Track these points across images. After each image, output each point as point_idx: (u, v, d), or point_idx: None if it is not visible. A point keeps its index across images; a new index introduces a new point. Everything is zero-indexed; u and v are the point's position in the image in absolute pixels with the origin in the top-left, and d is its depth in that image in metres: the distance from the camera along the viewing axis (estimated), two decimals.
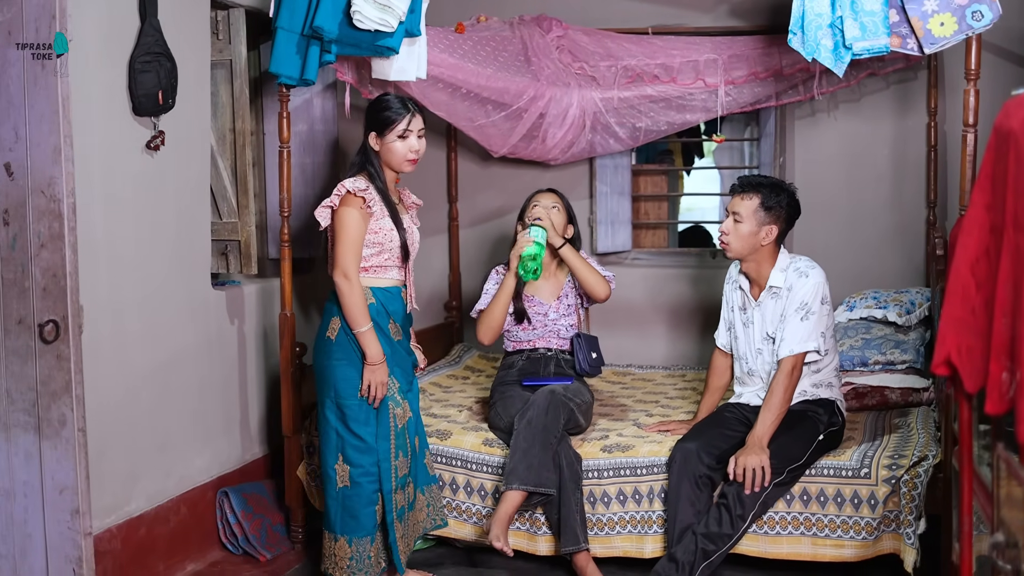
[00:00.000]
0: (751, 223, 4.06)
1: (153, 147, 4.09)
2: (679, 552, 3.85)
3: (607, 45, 5.41)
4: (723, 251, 4.19)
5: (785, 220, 4.11)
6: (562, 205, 4.73)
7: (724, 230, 4.13)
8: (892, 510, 3.92)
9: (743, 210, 4.07)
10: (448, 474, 4.37)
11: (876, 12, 3.92)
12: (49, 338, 3.56)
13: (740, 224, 4.08)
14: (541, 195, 4.76)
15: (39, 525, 3.65)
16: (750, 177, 4.20)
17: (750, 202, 4.07)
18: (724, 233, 4.13)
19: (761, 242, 4.09)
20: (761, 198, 4.06)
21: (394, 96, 4.00)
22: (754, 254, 4.12)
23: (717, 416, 4.23)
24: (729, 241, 4.12)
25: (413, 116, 3.95)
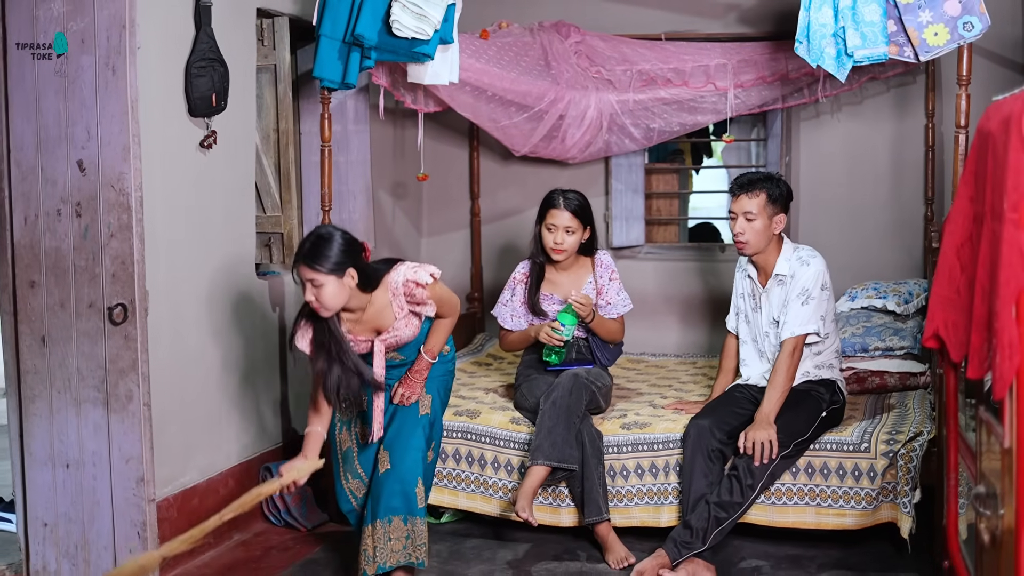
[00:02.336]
0: (763, 218, 4.33)
1: (206, 146, 4.40)
2: (693, 519, 4.14)
3: (622, 50, 5.69)
4: (740, 251, 4.42)
5: (786, 207, 4.40)
6: (577, 222, 4.70)
7: (739, 231, 4.35)
8: (890, 482, 4.20)
9: (754, 207, 4.33)
10: (477, 450, 4.67)
11: (876, 23, 4.23)
12: (118, 320, 3.89)
13: (753, 221, 4.33)
14: (557, 212, 4.69)
15: (106, 492, 3.98)
16: (747, 175, 4.44)
17: (758, 198, 4.34)
18: (740, 234, 4.35)
19: (774, 232, 4.37)
20: (766, 192, 4.34)
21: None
22: (767, 245, 4.38)
23: (727, 396, 4.52)
24: (747, 240, 4.35)
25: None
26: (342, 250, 3.63)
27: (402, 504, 3.91)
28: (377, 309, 3.82)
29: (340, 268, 3.62)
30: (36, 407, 4.04)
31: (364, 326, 3.86)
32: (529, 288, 4.86)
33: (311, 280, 3.61)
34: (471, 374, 5.66)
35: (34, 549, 4.10)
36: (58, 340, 3.99)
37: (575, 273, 4.85)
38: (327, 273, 3.60)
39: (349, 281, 3.66)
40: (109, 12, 3.80)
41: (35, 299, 4.01)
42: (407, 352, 4.04)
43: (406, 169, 6.47)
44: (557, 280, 4.86)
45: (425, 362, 4.03)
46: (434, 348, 4.02)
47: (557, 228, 4.69)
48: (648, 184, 6.50)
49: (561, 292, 4.82)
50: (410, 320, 3.90)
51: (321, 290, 3.61)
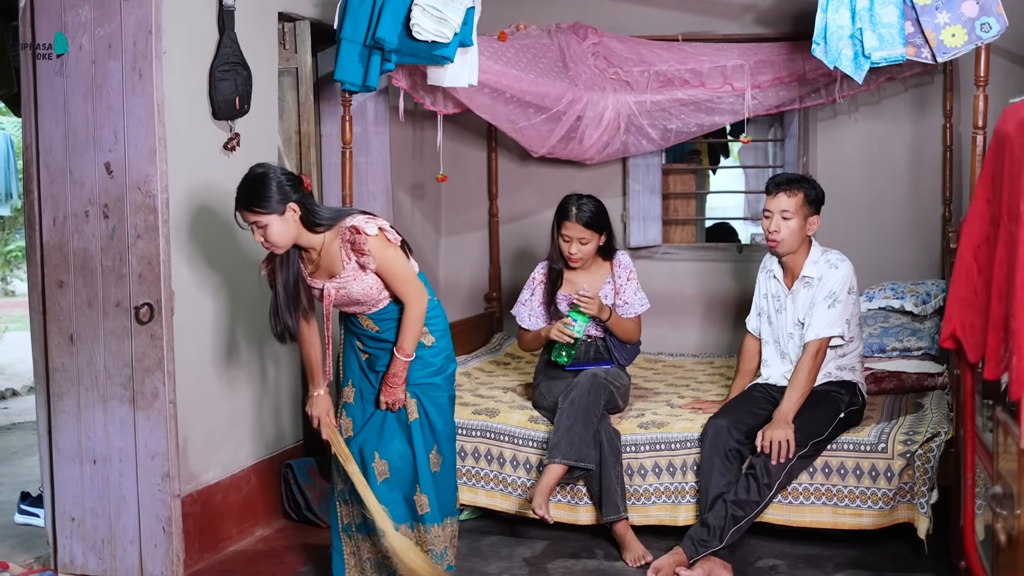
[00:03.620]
0: (799, 217, 4.34)
1: (230, 148, 4.46)
2: (711, 518, 4.18)
3: (640, 51, 5.72)
4: (772, 249, 4.43)
5: (819, 209, 4.41)
6: (591, 232, 4.72)
7: (774, 229, 4.36)
8: (907, 482, 4.22)
9: (791, 206, 4.33)
10: (496, 448, 4.71)
11: (893, 24, 4.25)
12: (144, 319, 3.96)
13: (790, 220, 4.34)
14: (570, 224, 4.71)
15: (132, 488, 4.05)
16: (786, 175, 4.46)
17: (796, 198, 4.34)
18: (775, 232, 4.36)
19: (807, 233, 4.38)
20: (804, 192, 4.34)
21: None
22: (799, 246, 4.39)
23: (746, 395, 4.55)
24: (782, 238, 4.36)
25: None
26: (279, 186, 3.57)
27: (405, 511, 3.86)
28: (331, 254, 3.71)
29: (281, 204, 3.56)
30: (64, 404, 4.11)
31: (321, 271, 3.76)
32: (547, 292, 4.91)
33: (255, 222, 3.58)
34: (489, 373, 5.71)
35: (61, 543, 4.18)
36: (86, 338, 4.06)
37: (594, 274, 4.89)
38: (268, 213, 3.55)
39: (291, 216, 3.59)
40: (135, 18, 3.87)
41: (63, 298, 4.08)
42: (381, 325, 3.84)
43: (425, 170, 6.52)
44: (576, 281, 4.89)
45: (400, 363, 3.78)
46: (404, 345, 3.77)
47: (571, 239, 4.74)
48: (665, 184, 6.53)
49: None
50: (359, 275, 3.71)
51: (267, 230, 3.57)
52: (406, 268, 3.77)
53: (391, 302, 3.82)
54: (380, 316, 3.84)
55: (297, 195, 3.61)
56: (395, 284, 3.75)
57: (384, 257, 3.69)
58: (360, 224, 3.63)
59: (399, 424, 3.86)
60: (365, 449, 3.85)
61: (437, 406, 3.91)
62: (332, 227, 3.69)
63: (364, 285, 3.73)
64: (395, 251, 3.73)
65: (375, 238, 3.64)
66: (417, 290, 3.78)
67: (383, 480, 3.83)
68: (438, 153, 5.42)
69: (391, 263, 3.71)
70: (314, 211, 3.66)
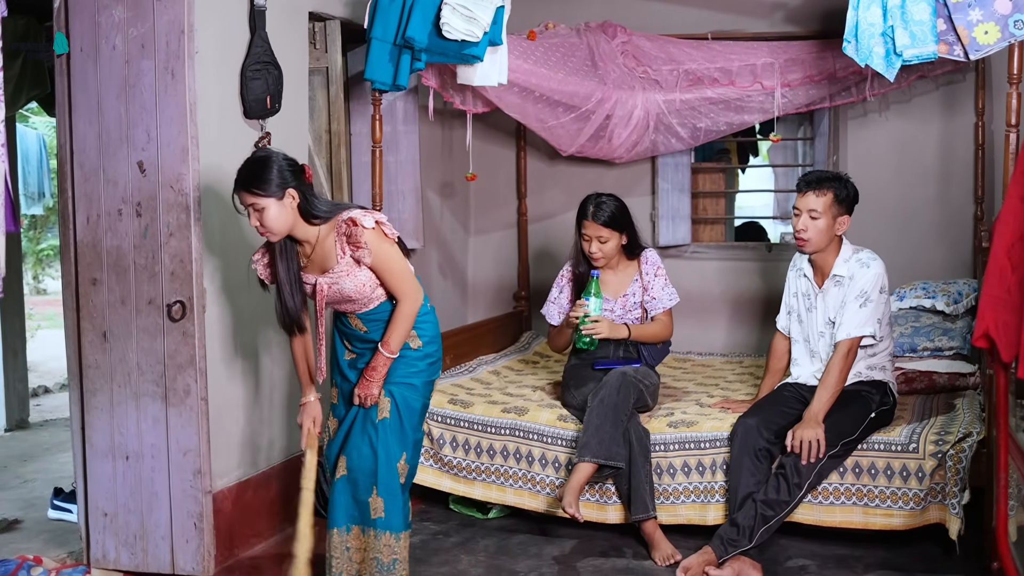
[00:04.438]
0: (828, 217, 4.32)
1: (260, 147, 4.49)
2: (740, 517, 4.17)
3: (669, 50, 5.72)
4: (800, 248, 4.41)
5: (851, 209, 4.38)
6: (610, 231, 4.74)
7: (802, 227, 4.34)
8: (938, 482, 4.20)
9: (820, 206, 4.31)
10: (525, 447, 4.72)
11: (925, 22, 4.23)
12: (176, 317, 3.99)
13: (818, 220, 4.32)
14: (588, 224, 4.75)
15: (164, 484, 4.08)
16: (816, 173, 4.43)
17: (825, 198, 4.32)
18: (802, 231, 4.34)
19: (836, 232, 4.36)
20: (834, 192, 4.32)
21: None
22: (828, 245, 4.38)
23: (776, 394, 4.54)
24: (809, 237, 4.34)
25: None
26: (280, 171, 3.51)
27: (358, 513, 3.76)
28: (325, 249, 3.63)
29: (280, 189, 3.49)
30: (97, 401, 4.15)
31: (314, 265, 3.68)
32: (573, 294, 4.92)
33: (252, 204, 3.51)
34: (519, 372, 5.72)
35: (94, 538, 4.21)
36: (119, 336, 4.09)
37: (622, 272, 4.90)
38: (267, 196, 3.48)
39: (290, 202, 3.53)
40: (168, 18, 3.90)
41: (97, 296, 4.11)
42: (370, 326, 3.77)
43: (454, 169, 6.54)
44: (604, 279, 4.89)
45: (382, 358, 3.69)
46: (391, 342, 3.68)
47: (591, 239, 4.76)
48: (694, 183, 6.52)
49: (608, 291, 4.87)
50: (353, 270, 3.63)
51: (264, 213, 3.50)
52: (402, 264, 3.70)
53: (383, 302, 3.74)
54: (370, 316, 3.75)
55: (297, 182, 3.55)
56: (390, 280, 3.67)
57: (380, 251, 3.61)
58: (357, 216, 3.56)
59: (367, 422, 3.75)
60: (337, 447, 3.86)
61: (410, 409, 3.78)
62: (328, 220, 3.61)
63: (357, 281, 3.65)
64: (392, 246, 3.66)
65: (372, 231, 3.57)
66: (412, 287, 3.71)
67: (340, 476, 3.77)
68: (467, 152, 5.44)
69: (387, 257, 3.64)
70: (312, 201, 3.60)
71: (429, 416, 4.86)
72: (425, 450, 4.89)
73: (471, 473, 4.82)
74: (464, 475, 4.84)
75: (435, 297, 6.37)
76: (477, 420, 4.82)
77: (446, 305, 6.59)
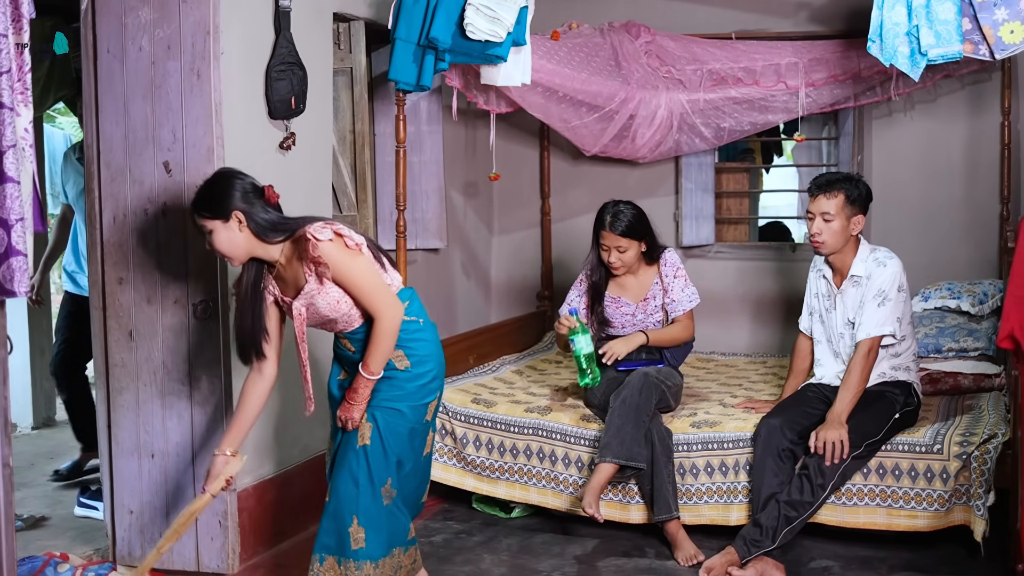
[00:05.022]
0: (841, 218, 4.32)
1: (285, 147, 4.51)
2: (763, 518, 4.16)
3: (693, 50, 5.73)
4: (817, 251, 4.41)
5: (865, 208, 4.38)
6: (629, 240, 4.69)
7: (817, 231, 4.35)
8: (963, 484, 4.17)
9: (832, 208, 4.31)
10: (548, 447, 4.73)
11: (950, 21, 4.21)
12: (202, 316, 4.02)
13: (832, 222, 4.32)
14: (606, 234, 4.70)
15: (189, 481, 4.12)
16: (826, 176, 4.43)
17: (836, 199, 4.32)
18: (817, 234, 4.35)
19: (851, 233, 4.36)
20: (845, 193, 4.32)
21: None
22: (844, 246, 4.38)
23: (799, 395, 4.53)
24: (824, 240, 4.34)
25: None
26: (224, 192, 3.36)
27: (335, 543, 3.49)
28: (294, 268, 3.42)
29: (223, 211, 3.33)
30: (123, 399, 4.19)
31: (289, 287, 3.47)
32: (590, 304, 4.88)
33: (201, 227, 3.39)
34: (542, 371, 5.73)
35: (120, 536, 4.25)
36: (145, 335, 4.13)
37: (642, 275, 4.88)
38: (212, 218, 3.34)
39: (236, 225, 3.35)
40: (194, 19, 3.93)
41: (123, 295, 4.15)
42: (356, 346, 3.54)
43: (478, 169, 6.55)
44: (624, 283, 4.88)
45: (361, 380, 3.44)
46: (369, 363, 3.42)
47: (610, 248, 4.73)
48: (718, 183, 6.52)
49: (629, 295, 4.86)
50: (324, 288, 3.40)
51: (212, 237, 3.36)
52: (370, 277, 3.42)
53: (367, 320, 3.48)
54: (355, 336, 3.52)
55: (245, 204, 3.36)
56: (359, 295, 3.41)
57: (341, 265, 3.36)
58: (312, 230, 3.33)
59: (348, 449, 3.51)
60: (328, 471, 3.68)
61: (395, 435, 3.50)
62: (289, 238, 3.41)
63: (330, 299, 3.42)
64: (354, 258, 3.38)
65: (328, 243, 3.33)
66: (386, 302, 3.41)
67: (326, 501, 3.57)
68: (491, 152, 5.45)
69: (349, 271, 3.38)
70: (262, 221, 3.38)
71: (453, 416, 4.88)
72: (448, 449, 4.91)
73: (494, 472, 4.83)
74: (487, 474, 4.85)
75: (458, 297, 6.40)
76: (500, 419, 4.83)
77: (469, 305, 6.61)
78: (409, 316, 3.53)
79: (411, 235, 5.66)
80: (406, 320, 3.50)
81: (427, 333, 3.61)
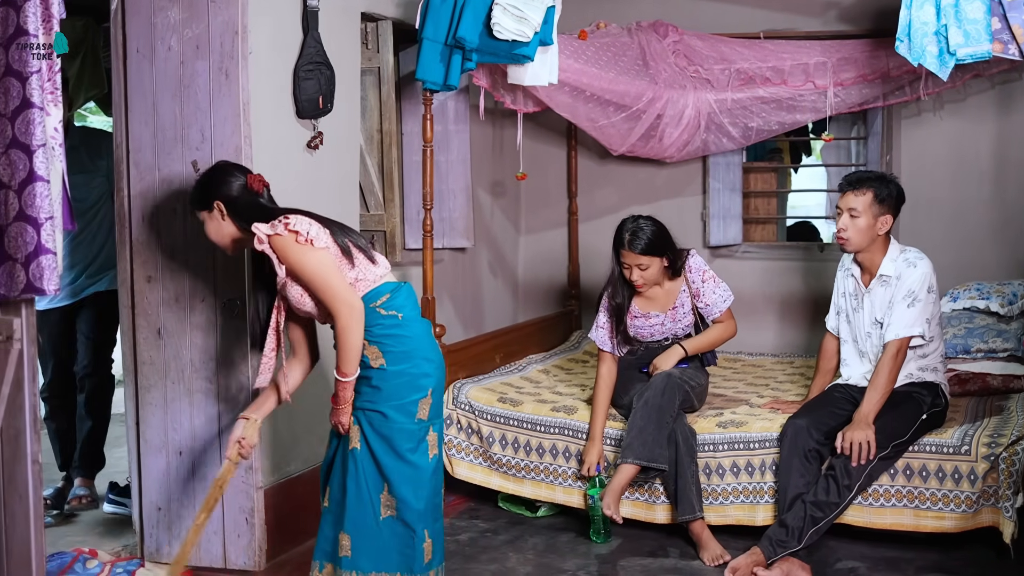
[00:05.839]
0: (868, 216, 4.30)
1: (313, 147, 4.53)
2: (789, 518, 4.15)
3: (721, 49, 5.71)
4: (842, 247, 4.40)
5: (895, 208, 4.36)
6: (649, 258, 4.61)
7: (842, 227, 4.34)
8: (991, 485, 4.14)
9: (859, 205, 4.30)
10: (574, 446, 4.73)
11: (979, 20, 4.18)
12: (229, 314, 4.04)
13: (857, 219, 4.31)
14: (625, 253, 4.62)
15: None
16: (858, 173, 4.42)
17: (864, 197, 4.30)
18: (842, 230, 4.34)
19: (878, 232, 4.34)
20: (874, 191, 4.30)
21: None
22: (869, 244, 4.36)
23: (826, 396, 4.51)
24: (849, 236, 4.33)
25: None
26: (205, 184, 3.45)
27: (330, 550, 3.48)
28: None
29: (206, 202, 3.43)
30: (151, 397, 4.22)
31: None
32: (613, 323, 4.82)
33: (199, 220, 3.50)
34: (568, 371, 5.73)
35: (148, 532, 4.29)
36: (173, 333, 4.16)
37: (668, 289, 4.81)
38: (197, 209, 3.47)
39: (219, 215, 3.41)
40: (223, 19, 3.96)
41: (152, 294, 4.19)
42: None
43: (505, 168, 6.56)
44: (650, 294, 4.82)
45: (337, 383, 3.40)
46: (339, 365, 3.37)
47: (631, 267, 4.65)
48: (746, 183, 6.50)
49: (656, 307, 4.81)
50: (289, 282, 3.37)
51: (204, 228, 3.48)
52: (322, 273, 3.31)
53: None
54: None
55: (226, 194, 3.41)
56: (314, 291, 3.35)
57: (291, 259, 3.31)
58: (262, 225, 3.33)
59: (343, 452, 3.48)
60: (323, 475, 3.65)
61: (383, 438, 3.41)
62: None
63: (295, 292, 3.39)
64: (304, 253, 3.29)
65: (278, 238, 3.29)
66: (341, 300, 3.31)
67: (324, 507, 3.56)
68: (518, 151, 5.45)
69: (301, 267, 3.31)
70: (242, 211, 3.40)
71: (480, 414, 4.89)
72: (475, 448, 4.92)
73: (520, 471, 4.84)
74: (513, 473, 4.86)
75: (485, 296, 6.41)
76: (527, 419, 4.83)
77: (496, 304, 6.62)
78: (388, 311, 3.42)
79: (438, 234, 5.68)
80: (383, 315, 3.40)
81: (409, 329, 3.46)
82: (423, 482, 3.47)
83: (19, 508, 3.16)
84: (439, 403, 3.54)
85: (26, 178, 2.94)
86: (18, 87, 2.94)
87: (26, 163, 2.94)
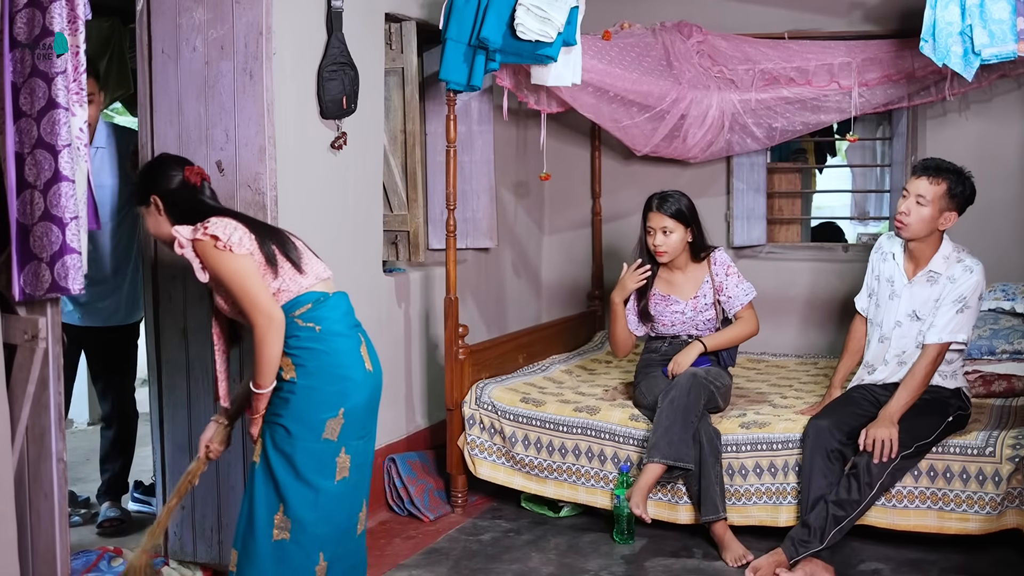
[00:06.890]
0: (934, 208, 4.18)
1: (336, 147, 4.56)
2: (812, 519, 4.13)
3: (745, 49, 5.69)
4: (897, 231, 4.27)
5: (962, 208, 4.24)
6: (675, 222, 4.75)
7: (905, 210, 4.19)
8: (1015, 487, 4.12)
9: (929, 194, 4.17)
10: (597, 446, 4.73)
11: (1004, 20, 4.15)
12: None
13: (923, 207, 4.18)
14: (652, 215, 4.78)
15: (240, 477, 4.15)
16: (937, 161, 4.28)
17: (938, 187, 4.18)
18: (904, 213, 4.20)
19: (939, 227, 4.23)
20: (949, 184, 4.19)
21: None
22: (926, 236, 4.24)
23: (847, 397, 4.48)
24: (909, 222, 4.19)
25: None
26: (143, 178, 3.41)
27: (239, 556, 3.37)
28: None
29: (143, 197, 3.36)
30: (175, 396, 4.25)
31: None
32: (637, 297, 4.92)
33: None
34: (591, 371, 5.73)
35: (172, 531, 4.31)
36: (197, 332, 4.18)
37: (691, 273, 4.88)
38: (138, 204, 3.40)
39: (155, 210, 3.33)
40: (247, 20, 3.97)
41: (176, 293, 4.21)
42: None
43: (528, 168, 6.57)
44: (673, 280, 4.89)
45: (254, 395, 3.26)
46: (255, 376, 3.24)
47: (655, 230, 4.77)
48: (770, 183, 6.47)
49: (678, 292, 4.86)
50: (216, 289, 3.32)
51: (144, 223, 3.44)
52: (238, 281, 3.20)
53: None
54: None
55: (163, 189, 3.33)
56: (233, 298, 3.25)
57: (211, 266, 3.23)
58: (183, 228, 3.25)
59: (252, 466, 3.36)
60: None
61: (283, 455, 3.26)
62: None
63: (218, 298, 3.35)
64: (222, 260, 3.19)
65: (199, 242, 3.21)
66: (260, 311, 3.18)
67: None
68: (542, 152, 5.46)
69: (217, 273, 3.22)
70: (175, 207, 3.32)
71: (502, 414, 4.89)
72: (497, 448, 4.93)
73: (543, 471, 4.85)
74: (536, 473, 4.87)
75: (507, 296, 6.42)
76: (549, 419, 4.84)
77: (519, 304, 6.63)
78: (306, 322, 3.29)
79: (461, 234, 5.69)
80: (301, 326, 3.28)
81: (327, 343, 3.31)
82: (325, 506, 3.30)
83: (44, 506, 3.19)
84: (357, 424, 3.35)
85: (51, 178, 2.97)
86: (44, 87, 2.97)
87: (51, 163, 2.97)
